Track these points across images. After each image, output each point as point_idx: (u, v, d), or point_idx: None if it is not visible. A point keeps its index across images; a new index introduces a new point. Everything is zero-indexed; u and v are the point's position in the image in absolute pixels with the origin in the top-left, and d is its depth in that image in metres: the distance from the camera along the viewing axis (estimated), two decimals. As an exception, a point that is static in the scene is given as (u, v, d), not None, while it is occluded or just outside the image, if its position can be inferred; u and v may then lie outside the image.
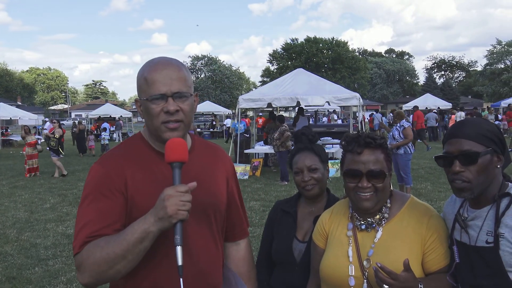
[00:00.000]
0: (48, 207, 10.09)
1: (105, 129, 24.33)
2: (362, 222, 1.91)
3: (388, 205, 1.91)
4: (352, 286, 1.83)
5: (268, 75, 63.09)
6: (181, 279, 1.46)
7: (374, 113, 30.06)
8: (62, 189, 12.27)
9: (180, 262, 1.45)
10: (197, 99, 1.77)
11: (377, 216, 1.89)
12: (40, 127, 30.15)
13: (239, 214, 1.98)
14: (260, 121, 23.61)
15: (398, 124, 9.66)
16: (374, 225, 1.89)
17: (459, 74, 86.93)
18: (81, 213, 1.62)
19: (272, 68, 65.90)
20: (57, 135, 14.88)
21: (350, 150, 1.87)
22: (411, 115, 23.36)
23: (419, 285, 1.67)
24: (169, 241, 1.50)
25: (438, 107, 30.52)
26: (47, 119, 34.69)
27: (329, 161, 14.06)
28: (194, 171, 1.72)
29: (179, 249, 1.45)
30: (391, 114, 26.41)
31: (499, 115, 28.33)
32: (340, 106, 26.21)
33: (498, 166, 1.69)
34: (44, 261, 6.37)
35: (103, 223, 1.58)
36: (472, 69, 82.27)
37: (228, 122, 32.69)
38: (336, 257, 1.91)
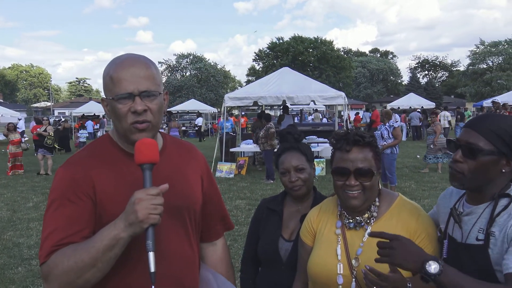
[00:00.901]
0: (31, 206, 9.96)
1: (84, 127, 23.92)
2: (351, 221, 1.91)
3: (377, 203, 1.91)
4: (341, 284, 1.84)
5: (254, 74, 63.07)
6: (152, 287, 1.40)
7: (362, 112, 30.20)
8: (46, 188, 12.10)
9: (152, 269, 1.39)
10: (167, 97, 1.70)
11: (366, 215, 1.89)
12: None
13: (215, 213, 1.92)
14: (242, 120, 23.51)
15: (388, 124, 9.71)
16: (362, 224, 1.89)
17: (442, 74, 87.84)
18: (47, 221, 1.54)
19: (257, 67, 65.89)
20: (51, 133, 14.71)
21: (339, 148, 1.88)
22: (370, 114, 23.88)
23: (408, 284, 1.67)
24: (142, 245, 1.43)
25: (422, 107, 30.82)
26: (20, 118, 33.86)
27: (315, 160, 14.14)
28: (166, 171, 1.66)
29: (151, 255, 1.40)
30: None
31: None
32: (325, 105, 26.29)
33: (504, 170, 1.63)
34: (27, 260, 6.28)
35: (70, 230, 1.50)
36: (455, 69, 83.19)
37: (199, 121, 32.12)
38: (325, 255, 1.91)
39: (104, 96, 1.63)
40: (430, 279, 1.46)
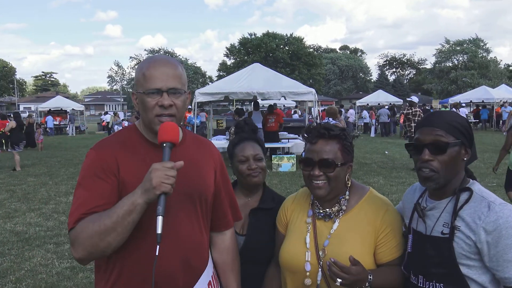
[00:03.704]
0: (-5, 203, 9.69)
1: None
2: (321, 211, 1.97)
3: (347, 197, 1.97)
4: (308, 271, 1.90)
5: (225, 69, 62.91)
6: (157, 246, 1.56)
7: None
8: (10, 185, 11.82)
9: (159, 230, 1.55)
10: (189, 96, 1.88)
11: (335, 208, 1.95)
12: None
13: (225, 206, 2.07)
14: (203, 115, 23.55)
15: (334, 122, 9.82)
16: (331, 216, 1.95)
17: (410, 72, 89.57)
18: (77, 194, 1.75)
19: (229, 62, 65.73)
20: (7, 129, 14.29)
21: (308, 140, 1.97)
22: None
23: (369, 276, 1.75)
24: (154, 219, 1.58)
25: (390, 103, 31.37)
26: None
27: (285, 156, 14.03)
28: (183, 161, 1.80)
29: (159, 218, 1.56)
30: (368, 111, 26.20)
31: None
32: (296, 101, 26.48)
33: (465, 159, 1.74)
34: (-8, 258, 6.12)
35: (97, 202, 1.70)
36: (422, 66, 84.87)
37: (107, 117, 31.15)
38: (294, 244, 1.98)
39: (134, 91, 1.86)
40: None
